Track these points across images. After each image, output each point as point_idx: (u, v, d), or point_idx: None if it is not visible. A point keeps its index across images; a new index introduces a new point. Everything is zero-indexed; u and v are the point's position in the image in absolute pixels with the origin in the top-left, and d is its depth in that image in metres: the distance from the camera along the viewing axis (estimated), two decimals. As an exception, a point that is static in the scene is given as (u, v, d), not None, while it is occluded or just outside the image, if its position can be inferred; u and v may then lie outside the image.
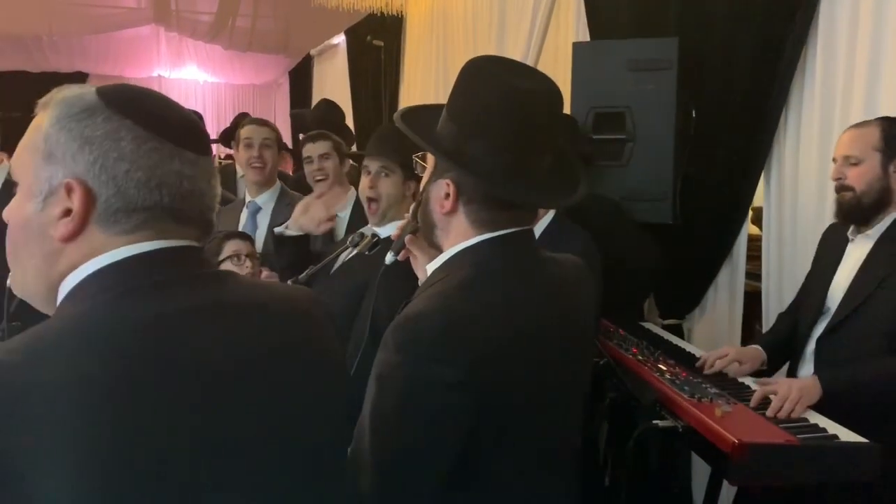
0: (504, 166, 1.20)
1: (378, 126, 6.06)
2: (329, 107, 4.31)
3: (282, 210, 3.07)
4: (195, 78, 11.72)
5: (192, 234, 0.94)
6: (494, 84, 1.21)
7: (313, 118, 4.08)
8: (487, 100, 1.20)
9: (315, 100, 9.79)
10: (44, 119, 0.89)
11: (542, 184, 1.25)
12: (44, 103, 0.91)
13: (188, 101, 11.61)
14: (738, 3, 2.98)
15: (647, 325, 2.99)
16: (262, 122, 3.31)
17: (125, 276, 0.87)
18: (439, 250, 1.30)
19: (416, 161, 1.39)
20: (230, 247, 2.71)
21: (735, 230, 3.12)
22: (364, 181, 2.36)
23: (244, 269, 2.67)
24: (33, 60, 10.06)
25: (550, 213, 2.32)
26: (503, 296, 1.20)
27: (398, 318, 1.16)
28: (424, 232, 1.34)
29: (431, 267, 1.31)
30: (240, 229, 3.03)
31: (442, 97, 5.74)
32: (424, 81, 5.98)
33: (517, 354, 1.17)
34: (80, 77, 10.86)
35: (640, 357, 2.33)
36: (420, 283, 1.49)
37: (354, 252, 2.01)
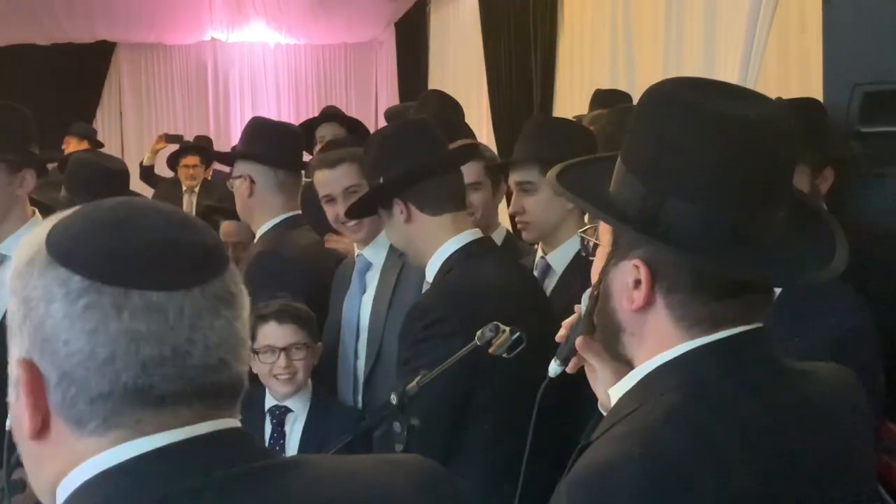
0: (723, 232, 0.97)
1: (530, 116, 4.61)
2: (443, 101, 3.50)
3: (394, 264, 2.42)
4: (264, 40, 10.46)
5: (185, 417, 0.73)
6: (696, 116, 0.98)
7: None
8: (687, 139, 0.98)
9: (433, 62, 8.02)
10: None
11: (781, 250, 1.01)
12: None
13: (255, 72, 10.50)
14: None
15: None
16: (336, 161, 2.51)
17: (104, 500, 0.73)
18: (628, 365, 1.07)
19: (583, 238, 1.19)
20: (263, 336, 2.20)
21: None
22: None
23: (277, 368, 2.21)
24: (43, 30, 9.11)
25: None
26: (731, 432, 0.95)
27: (578, 468, 0.96)
28: (604, 339, 1.11)
29: (618, 391, 1.07)
30: (349, 292, 2.49)
31: (622, 55, 4.53)
32: (596, 32, 4.61)
33: None
34: (105, 48, 9.89)
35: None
36: (600, 405, 1.26)
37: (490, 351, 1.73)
